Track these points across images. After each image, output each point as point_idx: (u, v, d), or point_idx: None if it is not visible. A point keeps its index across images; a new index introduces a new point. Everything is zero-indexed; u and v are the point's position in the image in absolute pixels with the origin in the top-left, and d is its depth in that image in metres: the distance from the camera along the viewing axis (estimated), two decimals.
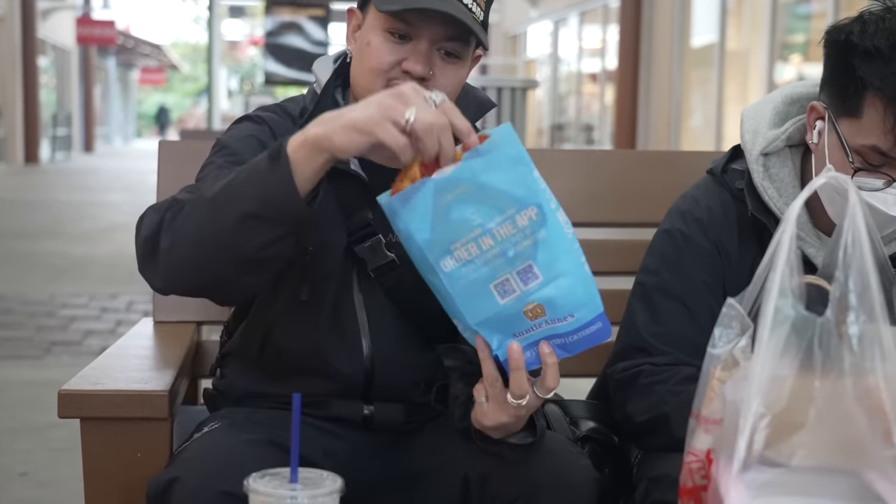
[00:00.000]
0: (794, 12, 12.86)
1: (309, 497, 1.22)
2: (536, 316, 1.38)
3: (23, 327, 6.01)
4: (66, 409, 1.67)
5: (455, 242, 1.35)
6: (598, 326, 1.39)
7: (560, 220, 1.36)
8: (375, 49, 1.63)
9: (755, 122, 1.81)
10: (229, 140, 1.70)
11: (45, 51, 27.92)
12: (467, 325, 1.41)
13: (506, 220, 1.34)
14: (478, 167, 1.33)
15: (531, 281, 1.36)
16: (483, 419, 1.48)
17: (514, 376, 1.42)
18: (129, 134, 52.28)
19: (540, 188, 1.35)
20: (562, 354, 1.42)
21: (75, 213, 12.93)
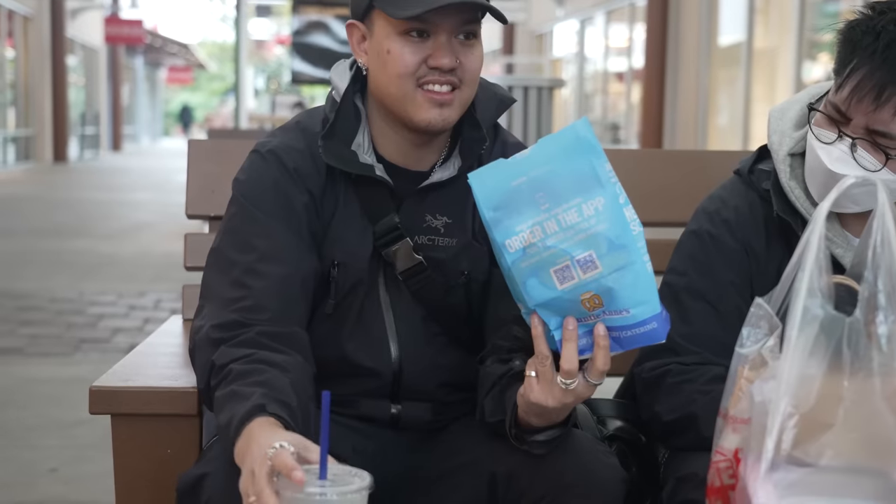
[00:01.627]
0: (822, 10, 12.78)
1: (338, 494, 1.23)
2: (594, 306, 1.39)
3: (52, 325, 6.06)
4: (97, 406, 1.69)
5: (521, 224, 1.38)
6: (653, 326, 1.40)
7: (627, 216, 1.38)
8: (397, 55, 1.62)
9: (782, 122, 1.81)
10: (247, 198, 1.68)
11: (74, 50, 28.10)
12: (527, 307, 1.44)
13: (572, 208, 1.37)
14: (552, 154, 1.38)
15: (590, 270, 1.37)
16: (530, 394, 1.47)
17: (566, 348, 1.42)
18: (156, 133, 52.53)
19: (610, 181, 1.38)
20: (614, 348, 1.43)
21: (103, 211, 13.01)
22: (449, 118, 1.65)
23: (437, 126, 1.64)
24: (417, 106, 1.63)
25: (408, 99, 1.64)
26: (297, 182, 1.68)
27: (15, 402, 4.46)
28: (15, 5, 21.81)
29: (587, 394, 1.47)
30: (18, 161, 22.28)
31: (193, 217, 2.18)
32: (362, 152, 1.70)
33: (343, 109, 1.71)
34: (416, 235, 1.70)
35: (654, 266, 2.08)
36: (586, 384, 1.46)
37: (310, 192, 1.69)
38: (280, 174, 1.69)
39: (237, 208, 1.69)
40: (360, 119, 1.72)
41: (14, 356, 5.28)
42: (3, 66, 21.75)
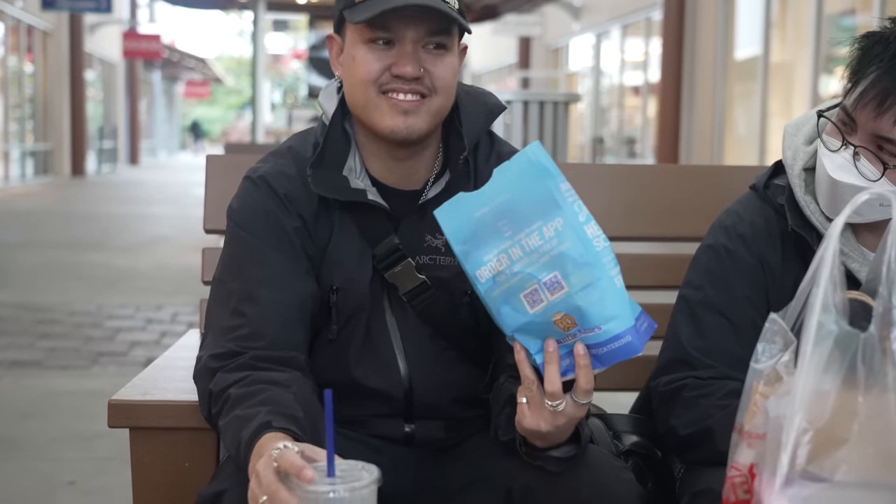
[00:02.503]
0: (838, 24, 12.76)
1: (348, 490, 1.23)
2: (568, 326, 1.40)
3: (70, 338, 6.09)
4: (115, 419, 1.70)
5: (488, 254, 1.41)
6: (627, 340, 1.40)
7: (588, 233, 1.39)
8: (361, 61, 1.63)
9: (796, 138, 1.81)
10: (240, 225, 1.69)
11: (93, 64, 28.28)
12: (506, 335, 1.45)
13: (533, 232, 1.39)
14: (509, 181, 1.41)
15: (557, 291, 1.39)
16: (523, 421, 1.48)
17: (547, 370, 1.43)
18: (173, 146, 52.74)
19: (567, 200, 1.39)
20: (596, 365, 1.43)
21: (120, 225, 13.07)
22: (413, 125, 1.63)
23: (400, 133, 1.63)
24: (381, 113, 1.63)
25: (371, 105, 1.64)
26: (288, 208, 1.68)
27: (34, 414, 4.48)
28: (35, 20, 21.96)
29: (578, 414, 1.47)
30: (37, 175, 22.39)
31: (211, 232, 2.20)
32: (354, 176, 1.70)
33: (332, 134, 1.70)
34: (418, 255, 1.70)
35: (670, 280, 2.11)
36: (575, 404, 1.45)
37: (301, 218, 1.68)
38: (271, 200, 1.68)
39: (232, 236, 1.69)
40: (349, 142, 1.72)
41: (33, 369, 5.31)
42: (23, 80, 21.88)
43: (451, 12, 1.59)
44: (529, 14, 22.91)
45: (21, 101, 21.79)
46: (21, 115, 21.84)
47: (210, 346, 1.63)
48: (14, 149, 21.01)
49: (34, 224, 13.05)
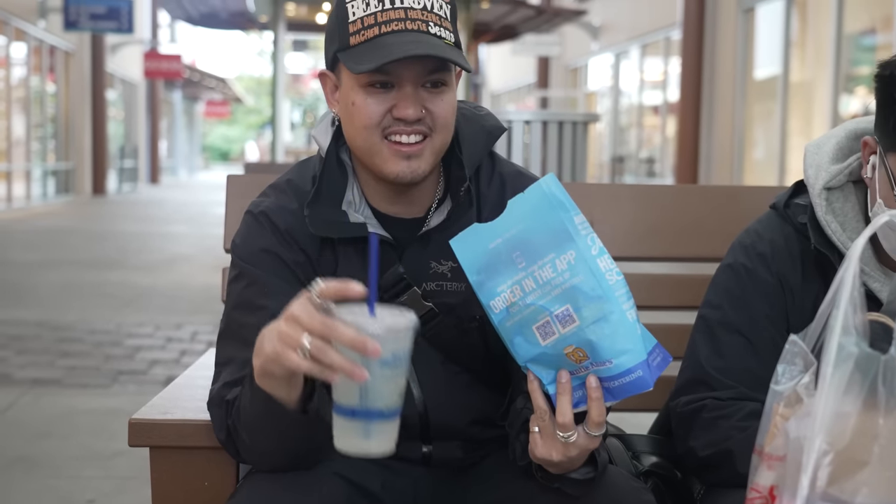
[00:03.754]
0: (858, 44, 12.74)
1: (398, 324, 1.30)
2: (580, 359, 1.40)
3: (90, 356, 6.12)
4: (136, 438, 1.71)
5: (502, 285, 1.42)
6: (638, 374, 1.39)
7: (601, 266, 1.38)
8: (361, 106, 1.60)
9: (818, 156, 1.81)
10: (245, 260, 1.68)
11: (114, 84, 28.51)
12: (520, 365, 1.46)
13: (546, 264, 1.39)
14: (523, 213, 1.41)
15: (569, 324, 1.39)
16: (535, 450, 1.48)
17: (559, 401, 1.43)
18: (193, 166, 53.03)
19: (580, 233, 1.39)
20: (607, 398, 1.42)
21: (141, 244, 13.14)
22: (418, 169, 1.62)
23: (405, 178, 1.62)
24: (384, 159, 1.62)
25: (374, 151, 1.62)
26: (290, 243, 1.68)
27: (53, 433, 4.50)
28: (57, 41, 22.16)
29: (590, 445, 1.46)
30: (58, 194, 22.56)
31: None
32: (353, 209, 1.69)
33: (328, 169, 1.69)
34: (424, 282, 1.69)
35: (690, 300, 2.11)
36: (587, 436, 1.45)
37: (304, 252, 1.68)
38: (273, 236, 1.68)
39: (238, 272, 1.69)
40: (346, 175, 1.71)
41: (53, 387, 5.33)
42: (45, 100, 22.07)
43: (450, 55, 1.57)
44: (548, 34, 22.96)
45: (43, 121, 21.98)
46: (43, 135, 22.02)
47: (221, 377, 1.63)
48: (36, 168, 21.18)
49: (55, 243, 13.13)
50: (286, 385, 1.43)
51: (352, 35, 1.59)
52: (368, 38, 1.57)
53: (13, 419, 4.71)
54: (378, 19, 1.57)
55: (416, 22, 1.58)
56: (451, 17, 1.63)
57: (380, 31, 1.57)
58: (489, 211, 1.71)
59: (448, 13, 1.62)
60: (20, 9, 19.48)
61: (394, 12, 1.57)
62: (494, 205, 1.72)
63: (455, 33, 1.63)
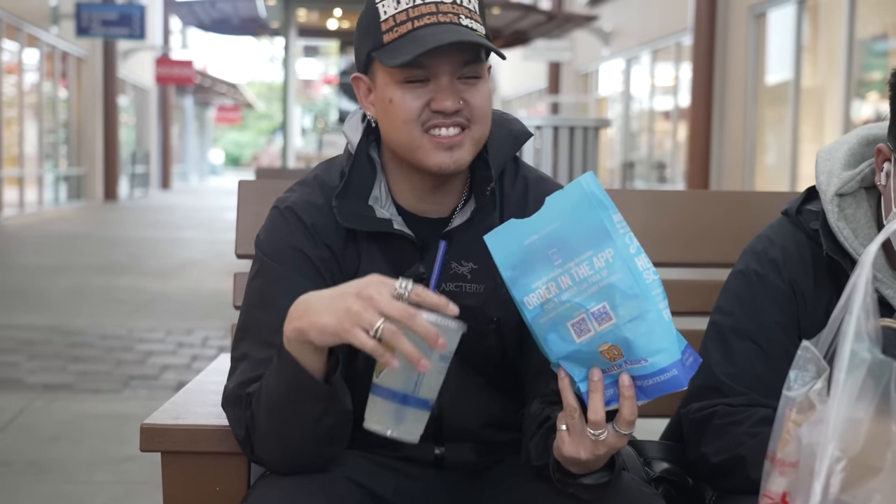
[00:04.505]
0: (870, 49, 12.72)
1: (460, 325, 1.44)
2: (615, 357, 1.39)
3: (101, 361, 6.13)
4: (147, 443, 1.71)
5: (537, 281, 1.41)
6: (673, 374, 1.39)
7: (639, 265, 1.38)
8: (399, 102, 1.61)
9: (830, 162, 1.80)
10: (268, 255, 1.69)
11: (126, 90, 28.61)
12: (551, 361, 1.45)
13: (583, 262, 1.39)
14: (561, 210, 1.41)
15: (605, 322, 1.38)
16: (563, 448, 1.47)
17: (592, 399, 1.42)
18: (204, 171, 53.15)
19: (618, 232, 1.39)
20: (640, 397, 1.42)
21: (152, 249, 13.17)
22: (461, 159, 1.63)
23: (449, 169, 1.63)
24: (426, 151, 1.62)
25: (416, 145, 1.62)
26: (315, 238, 1.68)
27: (65, 437, 4.50)
28: (69, 47, 22.24)
29: (619, 444, 1.46)
30: (70, 199, 22.64)
31: (243, 256, 2.21)
32: (379, 205, 1.70)
33: (358, 163, 1.70)
34: (444, 283, 1.69)
35: (701, 306, 2.11)
36: (616, 434, 1.44)
37: (329, 248, 1.68)
38: (299, 231, 1.69)
39: (260, 266, 1.69)
40: (375, 171, 1.72)
41: (64, 392, 5.34)
42: (57, 106, 22.16)
43: (486, 42, 1.59)
44: (559, 39, 22.97)
45: (55, 127, 22.05)
46: (55, 140, 22.10)
47: (238, 375, 1.63)
48: (48, 173, 21.25)
49: (67, 248, 13.18)
50: (317, 352, 1.49)
51: (385, 33, 1.60)
52: (402, 33, 1.59)
53: (24, 424, 4.72)
54: (410, 15, 1.59)
55: (447, 15, 1.59)
56: (479, 11, 1.64)
57: (413, 25, 1.58)
58: (511, 213, 1.71)
59: (476, 6, 1.64)
60: (33, 15, 19.55)
61: (425, 7, 1.59)
62: (517, 207, 1.73)
63: (485, 26, 1.65)
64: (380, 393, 1.43)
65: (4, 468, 4.06)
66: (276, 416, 1.54)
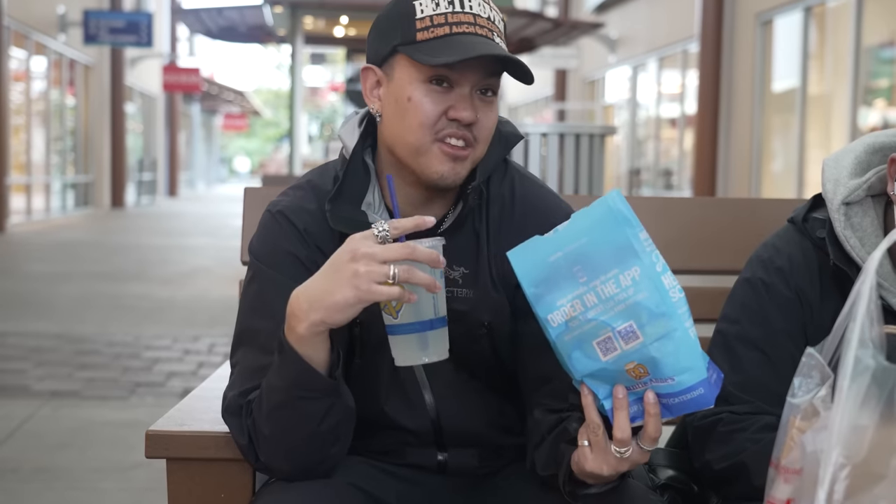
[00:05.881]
0: (877, 56, 12.71)
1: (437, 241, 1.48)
2: (640, 375, 1.39)
3: (108, 368, 6.14)
4: (152, 450, 1.72)
5: (561, 299, 1.40)
6: (699, 392, 1.38)
7: (665, 283, 1.37)
8: (419, 103, 1.60)
9: (836, 170, 1.80)
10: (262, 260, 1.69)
11: (133, 97, 28.66)
12: (575, 380, 1.44)
13: (609, 279, 1.37)
14: (586, 227, 1.39)
15: (632, 340, 1.37)
16: (584, 464, 1.45)
17: (617, 417, 1.41)
18: (211, 179, 53.23)
19: (645, 250, 1.38)
20: (665, 414, 1.41)
21: (159, 256, 13.19)
22: (460, 174, 1.63)
23: (448, 180, 1.63)
24: (432, 157, 1.62)
25: (423, 150, 1.62)
26: (307, 243, 1.68)
27: (72, 444, 4.51)
28: (77, 55, 22.30)
29: (642, 460, 1.45)
30: (77, 206, 22.68)
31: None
32: (372, 211, 1.69)
33: (352, 168, 1.69)
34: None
35: (707, 313, 2.10)
36: (640, 451, 1.44)
37: (322, 252, 1.67)
38: (291, 234, 1.68)
39: (255, 272, 1.69)
40: (369, 177, 1.71)
41: (71, 399, 5.35)
42: (64, 113, 22.21)
43: (523, 63, 1.61)
44: (566, 47, 22.98)
45: (63, 134, 22.11)
46: (62, 148, 22.15)
47: (238, 384, 1.63)
48: (55, 181, 21.29)
49: (74, 255, 13.20)
50: (324, 346, 1.51)
51: (419, 31, 1.60)
52: (438, 35, 1.59)
53: (32, 431, 4.73)
54: (449, 20, 1.59)
55: (483, 28, 1.61)
56: (505, 33, 1.67)
57: (451, 30, 1.59)
58: (496, 213, 1.72)
59: (503, 29, 1.66)
60: (40, 23, 19.61)
61: (464, 16, 1.60)
62: (501, 207, 1.73)
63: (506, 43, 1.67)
64: (405, 329, 1.48)
65: (12, 475, 4.07)
66: (279, 419, 1.54)
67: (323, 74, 57.41)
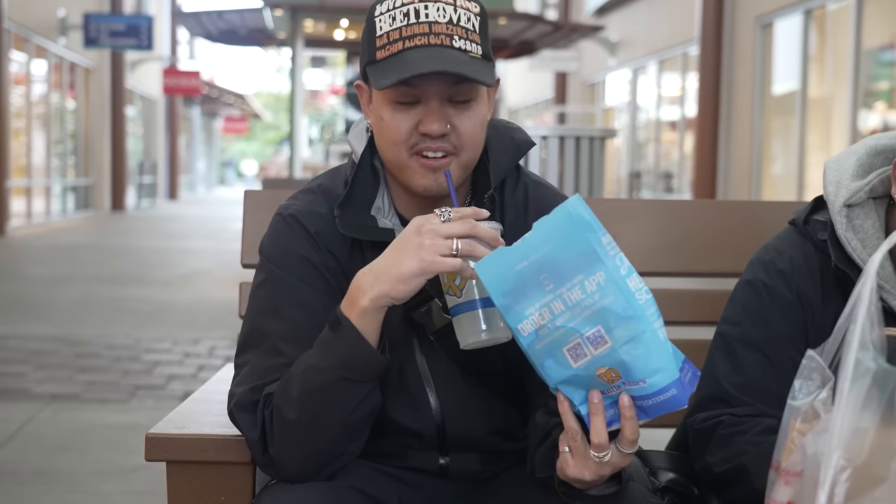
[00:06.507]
0: (877, 59, 12.70)
1: None
2: (612, 380, 1.39)
3: (108, 371, 6.14)
4: (152, 453, 1.72)
5: (530, 308, 1.40)
6: (672, 393, 1.38)
7: (631, 286, 1.37)
8: (388, 122, 1.62)
9: (838, 173, 1.80)
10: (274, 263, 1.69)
11: (133, 100, 28.67)
12: (549, 386, 1.45)
13: (575, 286, 1.38)
14: (547, 234, 1.40)
15: (601, 346, 1.37)
16: (566, 470, 1.47)
17: (593, 422, 1.42)
18: (212, 181, 53.23)
19: (608, 254, 1.38)
20: (641, 416, 1.42)
21: (159, 259, 13.18)
22: (444, 182, 1.63)
23: (433, 191, 1.64)
24: (413, 172, 1.63)
25: (403, 165, 1.63)
26: (319, 246, 1.68)
27: (72, 447, 4.51)
28: (77, 58, 22.31)
29: (623, 463, 1.46)
30: (78, 210, 22.68)
31: (248, 266, 2.21)
32: (382, 215, 1.70)
33: (361, 173, 1.70)
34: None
35: (708, 316, 2.10)
36: (620, 454, 1.44)
37: (334, 256, 1.68)
38: (303, 238, 1.69)
39: (265, 275, 1.69)
40: (378, 180, 1.72)
41: (71, 402, 5.35)
42: (65, 116, 22.22)
43: (471, 73, 1.57)
44: (566, 50, 22.98)
45: (63, 137, 22.11)
46: (63, 151, 22.15)
47: (248, 381, 1.63)
48: (56, 184, 21.30)
49: (74, 258, 13.20)
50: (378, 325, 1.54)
51: (378, 49, 1.61)
52: (392, 52, 1.59)
53: (32, 434, 4.73)
54: (403, 34, 1.59)
55: (439, 36, 1.58)
56: (479, 29, 1.62)
57: (403, 45, 1.58)
58: (511, 220, 1.72)
59: (477, 25, 1.62)
60: (41, 26, 19.62)
61: (418, 27, 1.58)
62: (516, 214, 1.73)
63: (484, 45, 1.63)
64: (468, 307, 1.51)
65: (12, 478, 4.06)
66: (311, 403, 1.54)
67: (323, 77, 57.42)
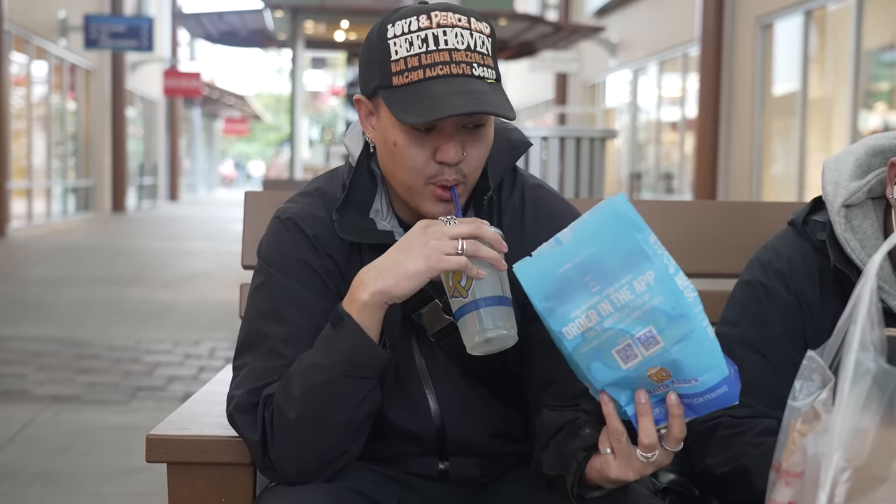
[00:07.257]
0: (878, 59, 12.70)
1: None
2: (661, 379, 1.37)
3: (109, 373, 6.14)
4: (153, 454, 1.72)
5: (575, 310, 1.37)
6: (724, 390, 1.37)
7: (679, 284, 1.35)
8: (404, 150, 1.58)
9: (837, 173, 1.80)
10: (272, 266, 1.68)
11: (134, 102, 28.67)
12: (595, 389, 1.42)
13: (623, 286, 1.35)
14: (593, 235, 1.37)
15: (652, 346, 1.35)
16: (608, 471, 1.44)
17: (642, 422, 1.40)
18: (212, 183, 53.24)
19: (657, 253, 1.36)
20: (688, 414, 1.40)
21: (160, 260, 13.19)
22: (453, 210, 1.61)
23: (439, 216, 1.60)
24: (425, 198, 1.61)
25: (416, 190, 1.61)
26: (317, 250, 1.68)
27: (73, 448, 4.51)
28: (78, 59, 22.32)
29: (667, 461, 1.44)
30: (78, 211, 22.69)
31: (249, 267, 2.21)
32: (380, 218, 1.69)
33: (358, 177, 1.69)
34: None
35: (708, 316, 2.09)
36: (665, 452, 1.43)
37: (332, 259, 1.68)
38: (301, 242, 1.68)
39: (264, 277, 1.68)
40: (376, 183, 1.71)
41: (72, 403, 5.35)
42: (65, 118, 22.22)
43: (497, 110, 1.53)
44: (566, 51, 22.99)
45: (63, 139, 22.12)
46: (63, 152, 22.16)
47: (247, 383, 1.62)
48: (56, 185, 21.30)
49: (75, 259, 13.20)
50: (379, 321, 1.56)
51: (395, 75, 1.56)
52: (412, 80, 1.54)
53: (32, 435, 4.73)
54: (422, 61, 1.54)
55: (460, 65, 1.54)
56: (492, 52, 1.60)
57: (424, 74, 1.54)
58: (508, 222, 1.71)
59: (490, 48, 1.59)
60: (41, 27, 19.63)
61: (438, 55, 1.54)
62: (514, 216, 1.73)
63: (496, 68, 1.60)
64: (472, 307, 1.50)
65: (12, 479, 4.07)
66: (314, 401, 1.54)
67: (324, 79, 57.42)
